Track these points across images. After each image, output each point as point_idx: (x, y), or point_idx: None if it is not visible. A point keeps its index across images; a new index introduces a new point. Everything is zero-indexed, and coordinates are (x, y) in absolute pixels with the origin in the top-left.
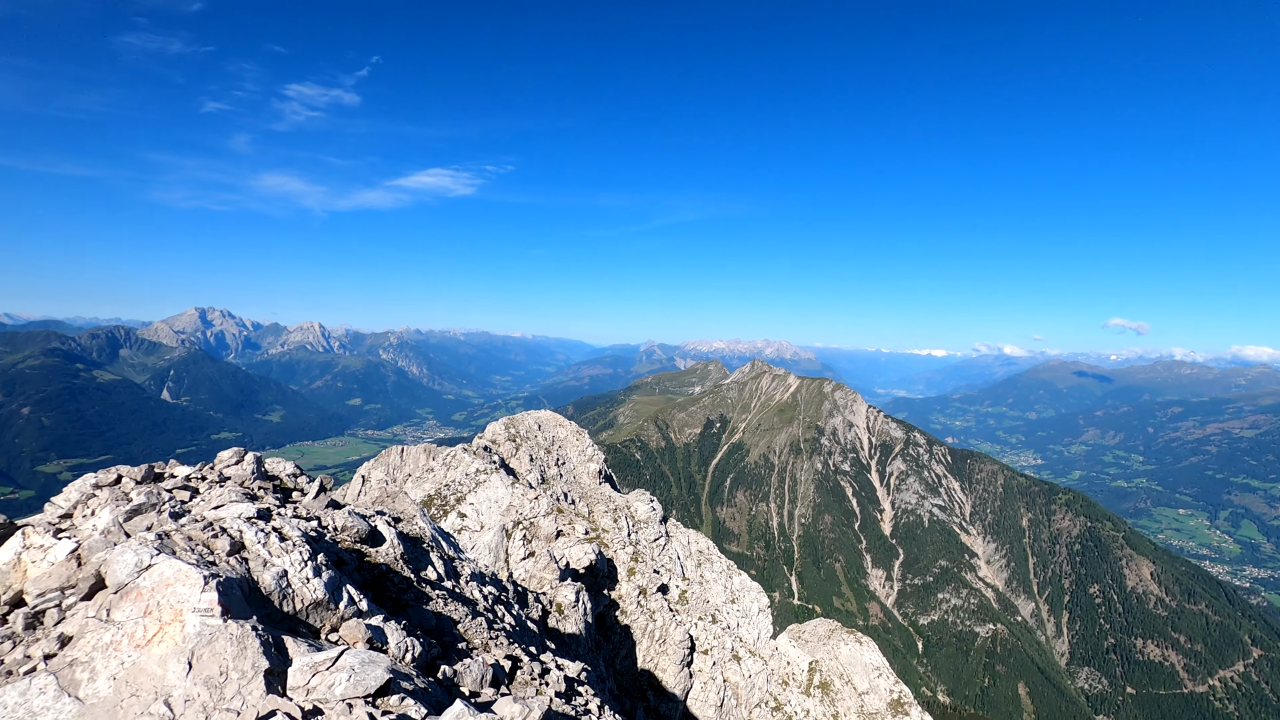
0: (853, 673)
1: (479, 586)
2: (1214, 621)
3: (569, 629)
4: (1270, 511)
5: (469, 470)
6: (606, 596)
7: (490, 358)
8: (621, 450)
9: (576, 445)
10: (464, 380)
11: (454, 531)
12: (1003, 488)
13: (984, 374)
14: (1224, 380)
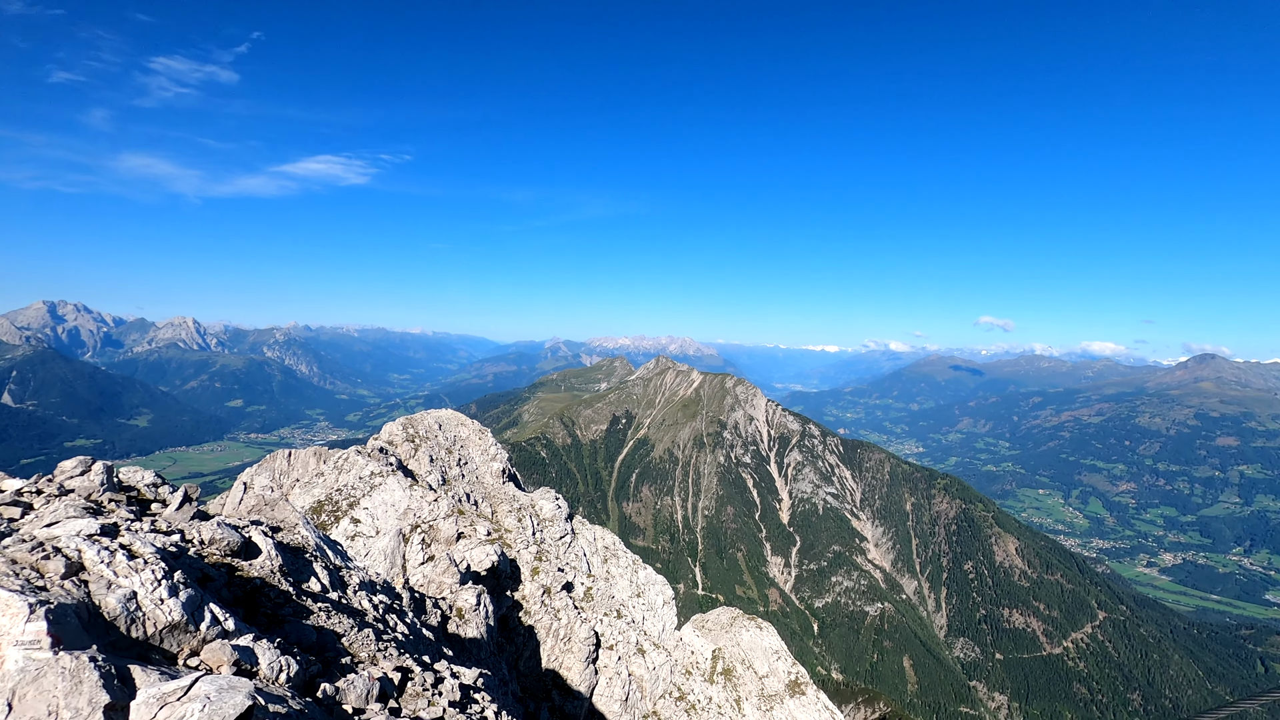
0: (754, 658)
1: (369, 596)
2: (1067, 590)
3: (470, 633)
4: (1112, 489)
5: (363, 473)
6: (510, 598)
7: (387, 355)
8: (527, 448)
9: (479, 444)
10: (359, 379)
11: (347, 538)
12: (889, 475)
13: (872, 368)
14: (1075, 373)
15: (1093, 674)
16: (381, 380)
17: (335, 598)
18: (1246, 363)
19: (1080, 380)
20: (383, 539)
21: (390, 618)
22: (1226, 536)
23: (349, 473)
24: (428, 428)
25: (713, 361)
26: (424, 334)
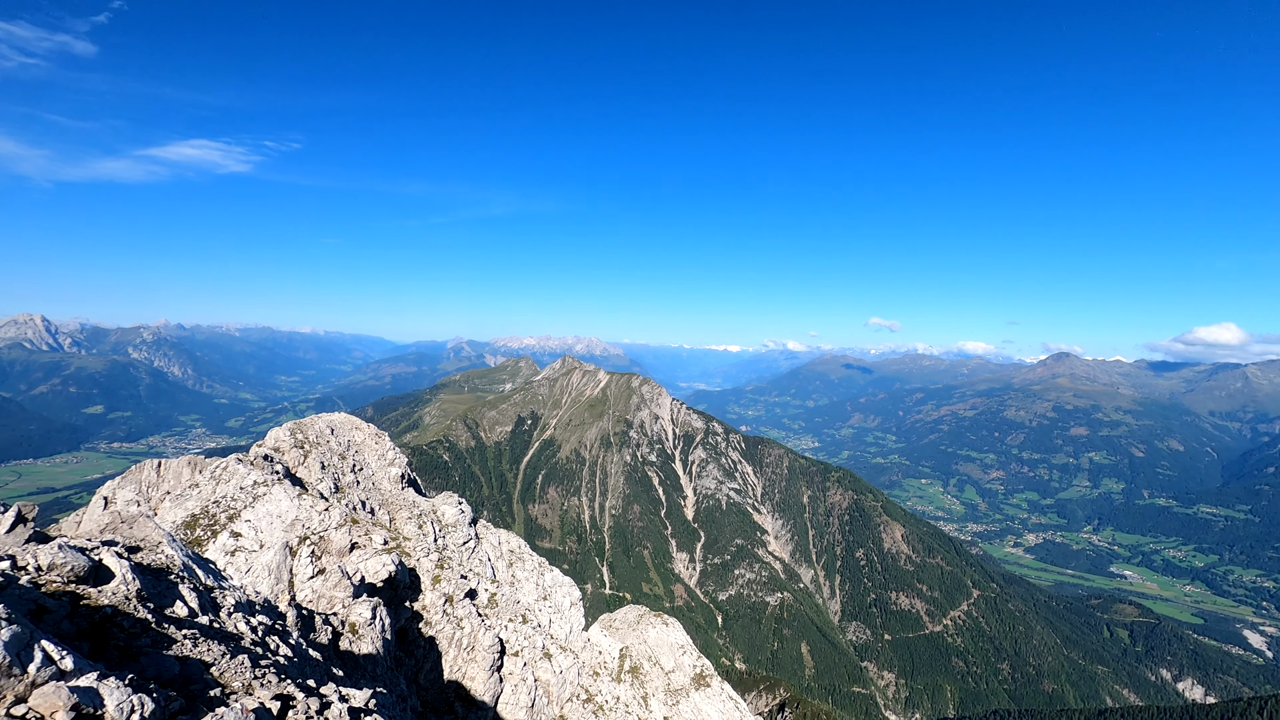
0: (660, 654)
1: (246, 617)
2: (946, 571)
3: (365, 649)
4: (985, 477)
5: (245, 483)
6: (409, 609)
7: (274, 356)
8: (428, 452)
9: (376, 449)
10: (241, 382)
11: (226, 554)
12: (788, 469)
13: (772, 367)
14: (952, 370)
15: (968, 648)
16: (267, 383)
17: (205, 622)
18: (1095, 360)
19: (957, 377)
20: (267, 553)
21: (271, 640)
22: (1079, 517)
23: (229, 483)
24: (319, 432)
25: (619, 361)
26: (315, 333)
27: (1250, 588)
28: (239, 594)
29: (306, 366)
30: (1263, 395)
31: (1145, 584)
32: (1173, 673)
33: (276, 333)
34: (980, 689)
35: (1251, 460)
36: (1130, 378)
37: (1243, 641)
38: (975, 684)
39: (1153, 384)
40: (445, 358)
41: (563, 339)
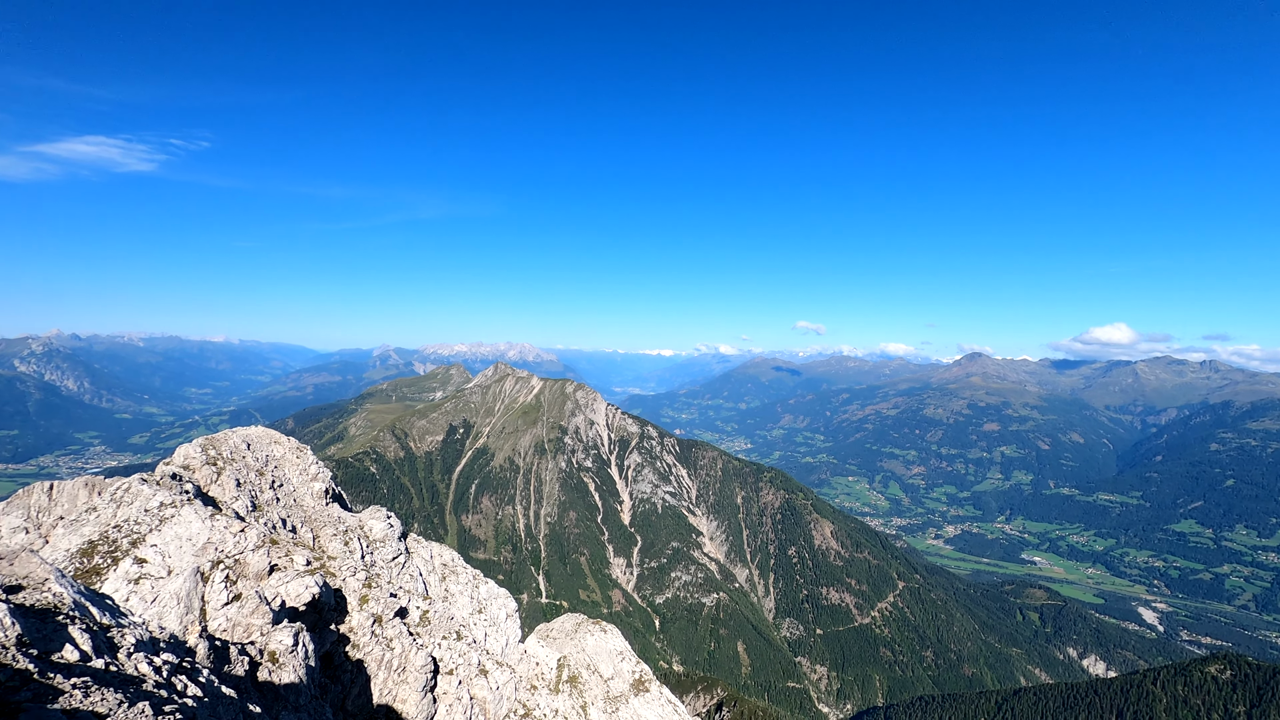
0: (599, 661)
1: (148, 657)
2: (874, 565)
3: (286, 679)
4: (907, 473)
5: (150, 504)
6: (334, 632)
7: (183, 367)
8: (354, 464)
9: (297, 464)
10: (146, 395)
11: (129, 582)
12: (721, 471)
13: (705, 371)
14: (876, 371)
15: (895, 638)
16: (175, 396)
17: (100, 666)
18: (1005, 359)
19: (880, 377)
20: (175, 580)
21: (178, 680)
22: (993, 508)
23: (131, 505)
24: (233, 448)
25: (553, 367)
26: (229, 342)
27: (1144, 568)
28: (140, 631)
29: (220, 378)
30: (1150, 390)
31: (1053, 568)
32: (1078, 651)
33: (186, 342)
34: (907, 677)
35: (1142, 450)
36: (1036, 375)
37: (1138, 618)
38: (902, 672)
39: (1056, 381)
40: (371, 366)
41: (495, 345)
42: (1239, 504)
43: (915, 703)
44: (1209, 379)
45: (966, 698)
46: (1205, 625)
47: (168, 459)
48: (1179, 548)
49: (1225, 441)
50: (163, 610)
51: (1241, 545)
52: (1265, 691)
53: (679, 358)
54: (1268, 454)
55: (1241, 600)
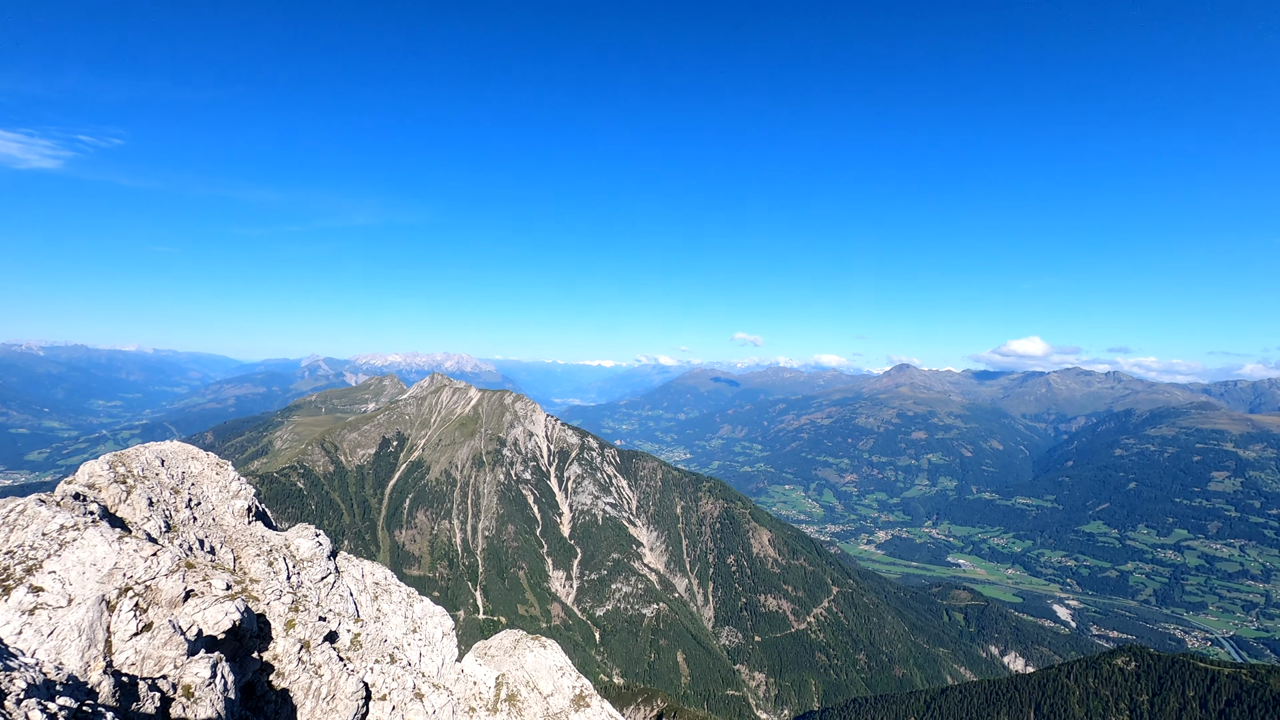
0: (538, 678)
1: (41, 703)
2: (809, 571)
3: (203, 715)
4: (840, 480)
5: (48, 528)
6: (257, 660)
7: (89, 378)
8: (280, 480)
9: (217, 480)
10: (46, 409)
11: (23, 613)
12: (661, 481)
13: (645, 381)
14: (810, 381)
15: (830, 642)
16: (80, 409)
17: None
18: (931, 370)
19: (815, 388)
20: (76, 610)
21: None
22: (921, 513)
23: (27, 528)
24: (145, 464)
25: (491, 378)
26: (141, 352)
27: (1058, 567)
28: (32, 673)
29: (131, 389)
30: (1062, 399)
31: (976, 570)
32: (999, 648)
33: (93, 351)
34: (841, 680)
35: (1055, 456)
36: (959, 385)
37: (1053, 615)
38: (836, 675)
39: (977, 391)
40: (299, 377)
41: (431, 355)
42: (1140, 505)
43: (849, 705)
44: (1113, 389)
45: (897, 698)
46: (1113, 620)
47: (70, 477)
48: (1089, 547)
49: (1128, 447)
50: (61, 644)
51: (1143, 544)
52: (1165, 680)
53: (619, 369)
54: (1164, 458)
55: (1144, 595)
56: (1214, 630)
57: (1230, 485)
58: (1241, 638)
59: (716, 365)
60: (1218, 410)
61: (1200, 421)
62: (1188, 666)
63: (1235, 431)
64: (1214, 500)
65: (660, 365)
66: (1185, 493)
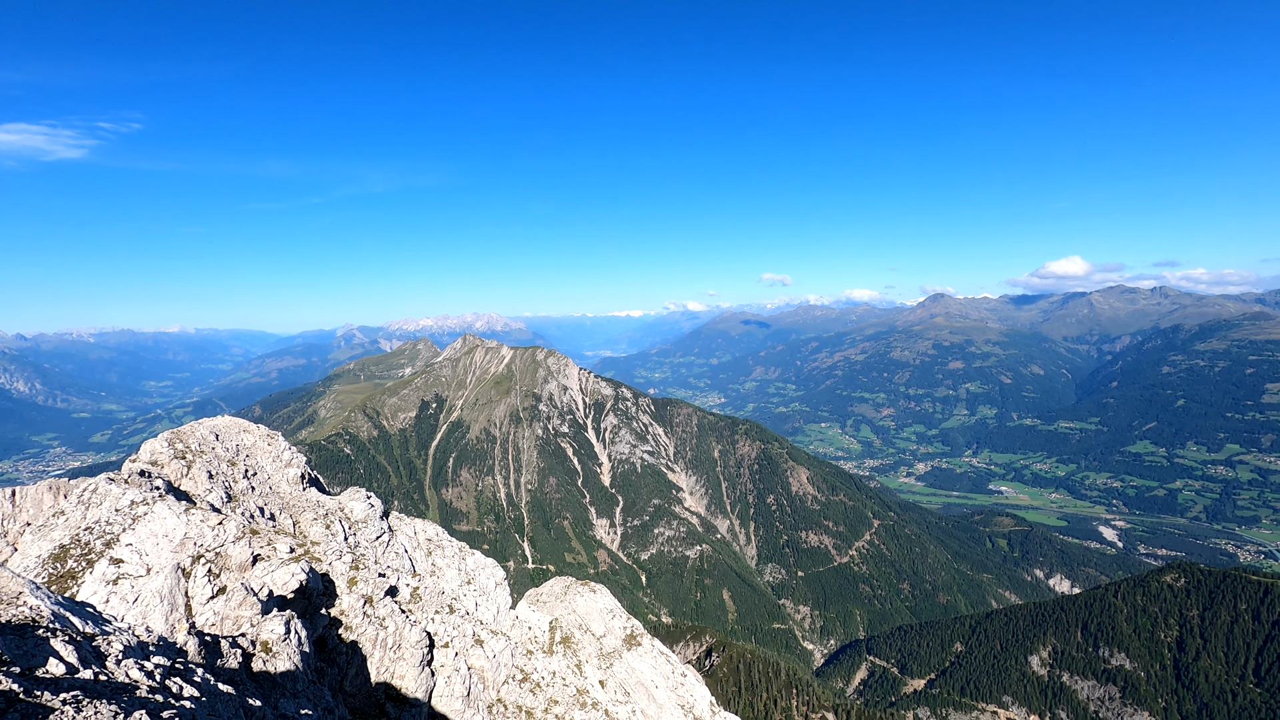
0: (590, 621)
1: (138, 663)
2: (850, 506)
3: (282, 667)
4: (877, 415)
5: (120, 504)
6: (326, 616)
7: (139, 361)
8: (327, 447)
9: (269, 451)
10: (103, 392)
11: (108, 583)
12: (697, 427)
13: (674, 329)
14: (842, 318)
15: (873, 574)
16: (134, 391)
17: (89, 678)
18: (966, 299)
19: (847, 324)
20: (156, 578)
21: (173, 682)
22: (960, 443)
23: (101, 505)
24: (201, 440)
25: (522, 335)
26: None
27: (1103, 489)
28: (127, 636)
29: (179, 369)
30: (1105, 319)
31: (1019, 496)
32: (1045, 571)
33: (140, 335)
34: (886, 609)
35: (1099, 378)
36: (996, 312)
37: (1099, 536)
38: (881, 605)
39: (1015, 316)
40: (336, 347)
41: (461, 317)
42: (1190, 422)
43: (894, 632)
44: (1160, 305)
45: (942, 624)
46: (1161, 538)
47: (134, 456)
48: (1135, 468)
49: (1176, 364)
50: (146, 610)
51: (1192, 461)
52: (1216, 595)
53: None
54: (1215, 373)
55: (1193, 512)
56: (1268, 544)
57: None
58: None
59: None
60: (1272, 320)
61: (1253, 333)
62: (1239, 580)
63: None
64: (1268, 413)
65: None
66: (1238, 407)
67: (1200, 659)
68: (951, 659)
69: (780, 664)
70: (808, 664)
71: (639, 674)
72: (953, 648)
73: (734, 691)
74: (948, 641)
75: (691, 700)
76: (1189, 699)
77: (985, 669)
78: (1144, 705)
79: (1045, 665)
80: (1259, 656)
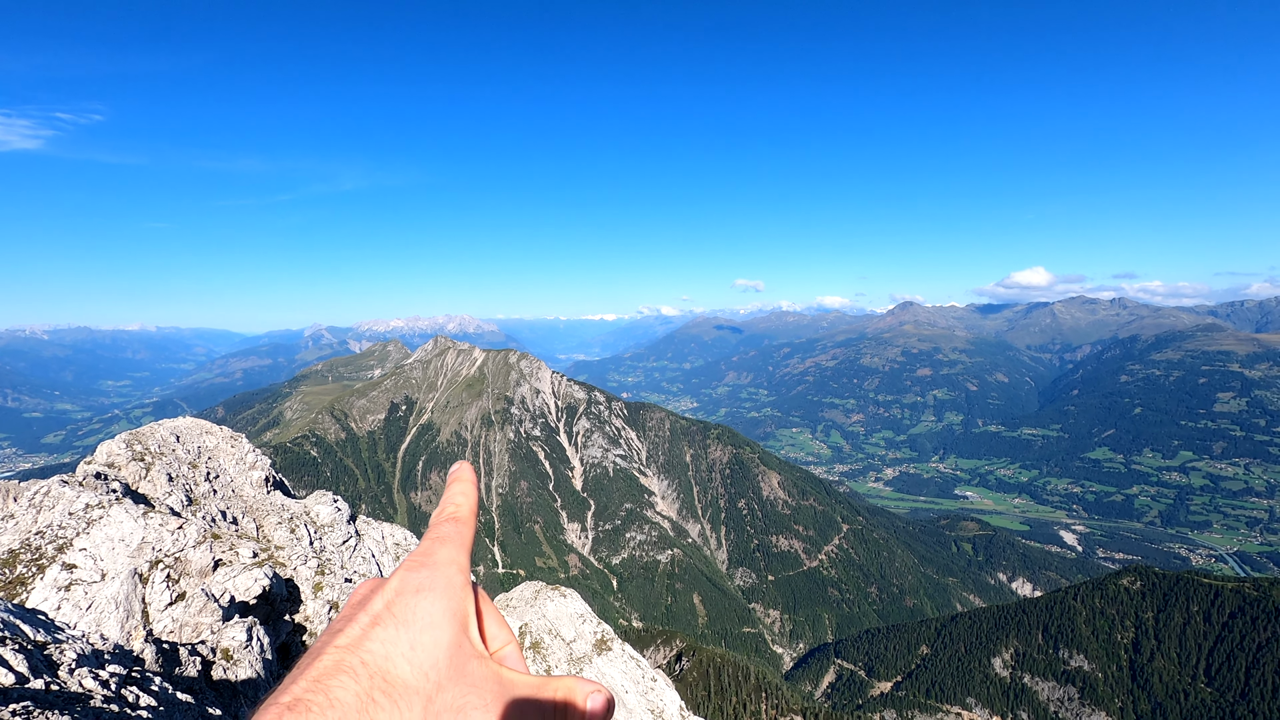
0: (560, 626)
1: (93, 671)
2: (819, 510)
3: (243, 675)
4: (847, 421)
5: (74, 507)
6: (290, 623)
7: (96, 360)
8: (293, 449)
9: (233, 453)
10: (57, 392)
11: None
12: (670, 431)
13: (648, 333)
14: (814, 324)
15: (841, 578)
16: (90, 390)
17: (40, 687)
18: (934, 306)
19: (818, 330)
20: (111, 584)
21: (129, 691)
22: (928, 449)
23: (54, 509)
24: (161, 441)
25: (494, 338)
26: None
27: (1064, 494)
28: (81, 644)
29: (138, 368)
30: (1067, 328)
31: (983, 501)
32: (1007, 575)
33: (97, 333)
34: (854, 613)
35: (1060, 385)
36: (963, 320)
37: (1059, 540)
38: (849, 609)
39: (981, 325)
40: (304, 347)
41: (433, 319)
42: (1146, 430)
43: (862, 636)
44: (1119, 315)
45: (909, 627)
46: (1118, 542)
47: (89, 457)
48: (1094, 473)
49: (1133, 373)
50: (100, 617)
51: (1148, 467)
52: (1170, 597)
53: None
54: (1170, 382)
55: (1149, 517)
56: (1218, 548)
57: (1236, 405)
58: (1245, 553)
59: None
60: (1223, 331)
61: (1206, 344)
62: (1191, 583)
63: (1241, 352)
64: (1219, 421)
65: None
66: (1190, 415)
67: (1155, 660)
68: (917, 661)
69: (750, 668)
70: (777, 667)
71: (609, 679)
72: (918, 650)
73: (704, 695)
74: (914, 644)
75: (661, 705)
76: (1144, 699)
77: (950, 671)
78: (1101, 705)
79: (1008, 667)
80: (1209, 657)
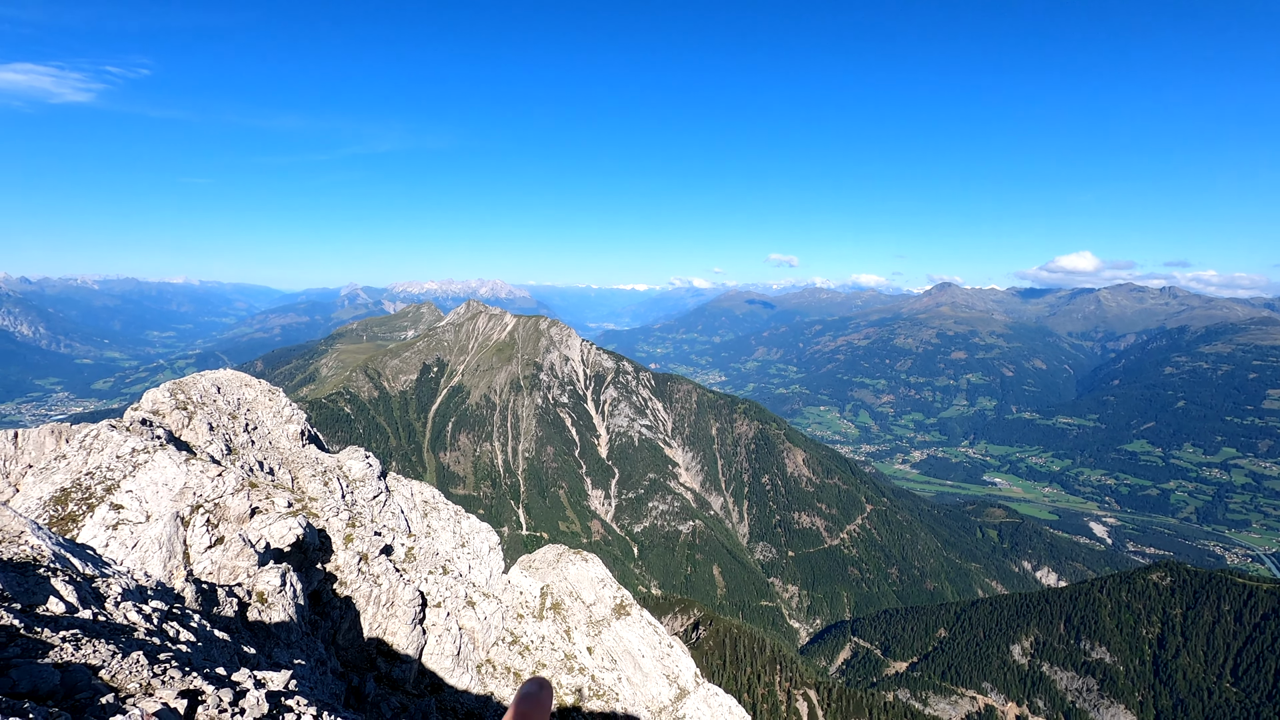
0: (581, 589)
1: (137, 606)
2: (843, 490)
3: (277, 618)
4: (877, 401)
5: (121, 451)
6: (321, 571)
7: (142, 310)
8: (328, 405)
9: (270, 406)
10: (106, 340)
11: (107, 528)
12: (696, 404)
13: (678, 305)
14: (848, 302)
15: (862, 557)
16: (137, 340)
17: (88, 617)
18: (973, 289)
19: (852, 309)
20: (155, 525)
21: (170, 626)
22: (958, 433)
23: (103, 452)
24: (203, 392)
25: (526, 304)
26: (189, 284)
27: (1096, 486)
28: (126, 580)
29: (182, 320)
30: (1112, 316)
31: (1012, 488)
32: (1032, 564)
33: (144, 284)
34: (873, 593)
35: (1101, 375)
36: (1002, 304)
37: (1089, 532)
38: (868, 589)
39: (1021, 309)
40: (340, 306)
41: (466, 283)
42: (1188, 424)
43: (880, 615)
44: (1168, 305)
45: (928, 609)
46: (1150, 537)
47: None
48: (1130, 466)
49: (1179, 365)
50: (145, 556)
51: (1188, 463)
52: (1200, 595)
53: (653, 292)
54: (1217, 376)
55: (1185, 513)
56: (1256, 548)
57: None
58: None
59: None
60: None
61: (1259, 338)
62: (1225, 581)
63: None
64: (1268, 419)
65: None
66: (1237, 411)
67: (1180, 656)
68: (934, 644)
69: (766, 640)
70: (793, 642)
71: (626, 642)
72: (936, 633)
73: (719, 664)
74: (932, 627)
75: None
76: (1165, 694)
77: (967, 655)
78: (1120, 698)
79: (1026, 655)
80: (1238, 657)
